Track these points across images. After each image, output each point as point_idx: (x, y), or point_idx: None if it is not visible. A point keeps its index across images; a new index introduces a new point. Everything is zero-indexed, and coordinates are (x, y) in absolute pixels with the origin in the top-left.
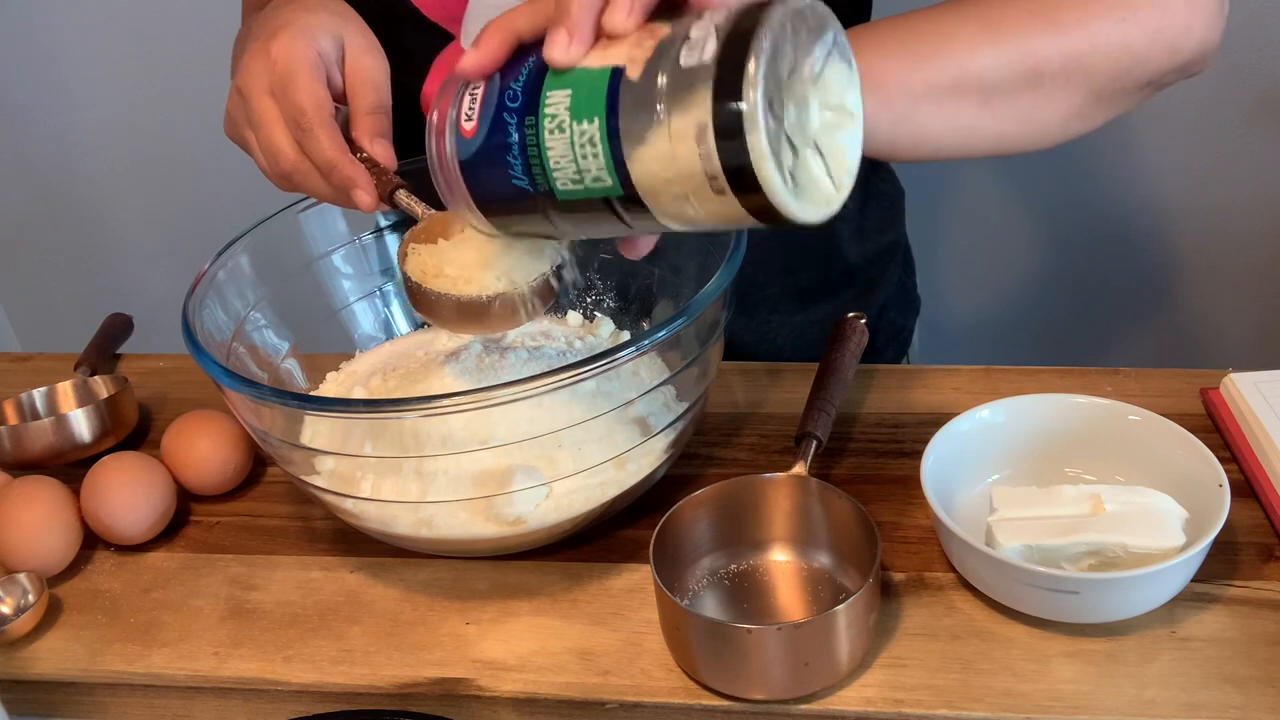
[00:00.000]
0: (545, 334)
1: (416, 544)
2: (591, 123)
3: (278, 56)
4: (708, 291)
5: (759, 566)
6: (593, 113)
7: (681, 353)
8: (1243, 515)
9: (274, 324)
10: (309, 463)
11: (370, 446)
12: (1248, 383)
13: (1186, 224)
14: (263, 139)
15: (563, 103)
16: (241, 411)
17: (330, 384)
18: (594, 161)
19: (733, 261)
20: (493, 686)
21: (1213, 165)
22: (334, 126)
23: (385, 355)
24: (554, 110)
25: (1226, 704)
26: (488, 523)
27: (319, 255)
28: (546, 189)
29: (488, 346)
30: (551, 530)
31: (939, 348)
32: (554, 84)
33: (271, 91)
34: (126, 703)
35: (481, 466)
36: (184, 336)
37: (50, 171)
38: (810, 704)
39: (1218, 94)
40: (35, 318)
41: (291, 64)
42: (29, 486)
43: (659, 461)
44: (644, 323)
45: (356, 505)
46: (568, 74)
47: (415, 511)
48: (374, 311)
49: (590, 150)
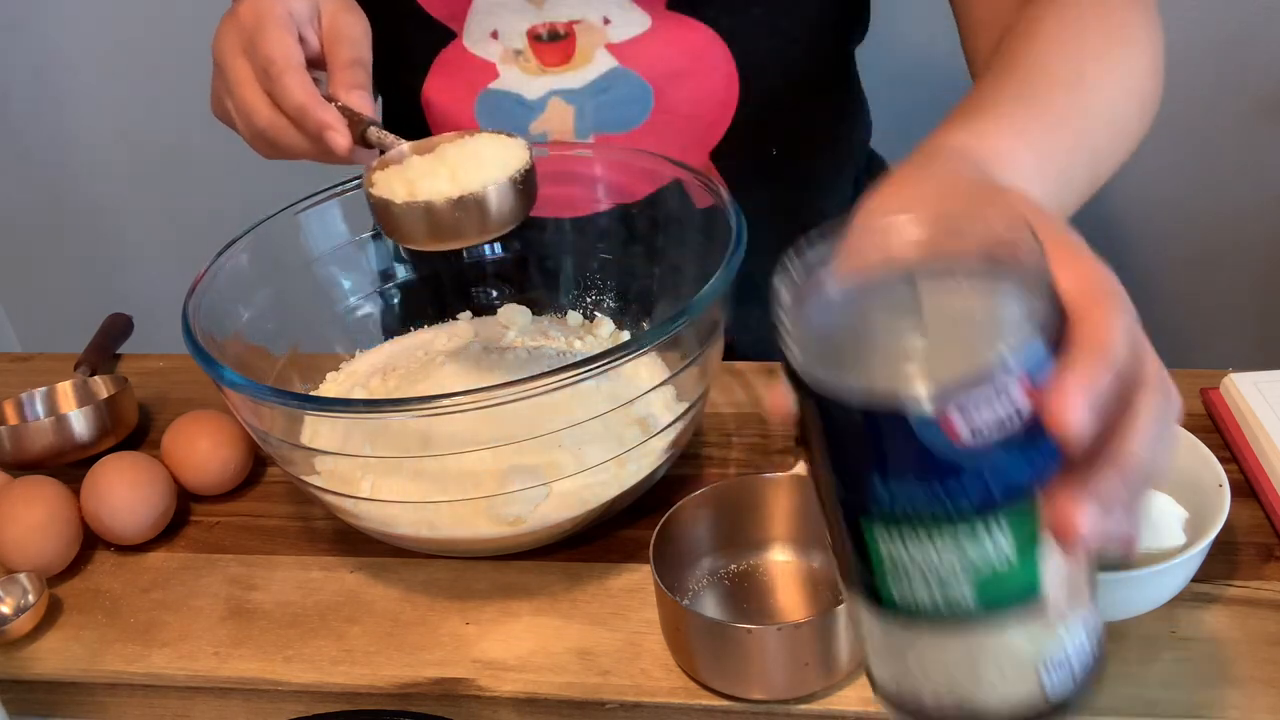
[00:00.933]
0: (544, 333)
1: (417, 544)
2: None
3: (245, 16)
4: (708, 291)
5: (759, 566)
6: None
7: (682, 352)
8: (1243, 515)
9: (274, 324)
10: (309, 463)
11: (370, 447)
12: (1248, 383)
13: (1186, 224)
14: (237, 100)
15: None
16: (242, 412)
17: (330, 384)
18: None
19: (732, 261)
20: (493, 686)
21: (1213, 165)
22: (303, 73)
23: (385, 356)
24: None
25: (1226, 704)
26: (488, 523)
27: (318, 255)
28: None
29: (487, 347)
30: (551, 530)
31: None
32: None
33: (244, 52)
34: (126, 703)
35: (482, 466)
36: (184, 337)
37: (50, 172)
38: (810, 704)
39: (1218, 94)
40: (35, 318)
41: (259, 19)
42: (29, 486)
43: (659, 461)
44: (644, 323)
45: (357, 505)
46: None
47: (416, 511)
48: (374, 312)
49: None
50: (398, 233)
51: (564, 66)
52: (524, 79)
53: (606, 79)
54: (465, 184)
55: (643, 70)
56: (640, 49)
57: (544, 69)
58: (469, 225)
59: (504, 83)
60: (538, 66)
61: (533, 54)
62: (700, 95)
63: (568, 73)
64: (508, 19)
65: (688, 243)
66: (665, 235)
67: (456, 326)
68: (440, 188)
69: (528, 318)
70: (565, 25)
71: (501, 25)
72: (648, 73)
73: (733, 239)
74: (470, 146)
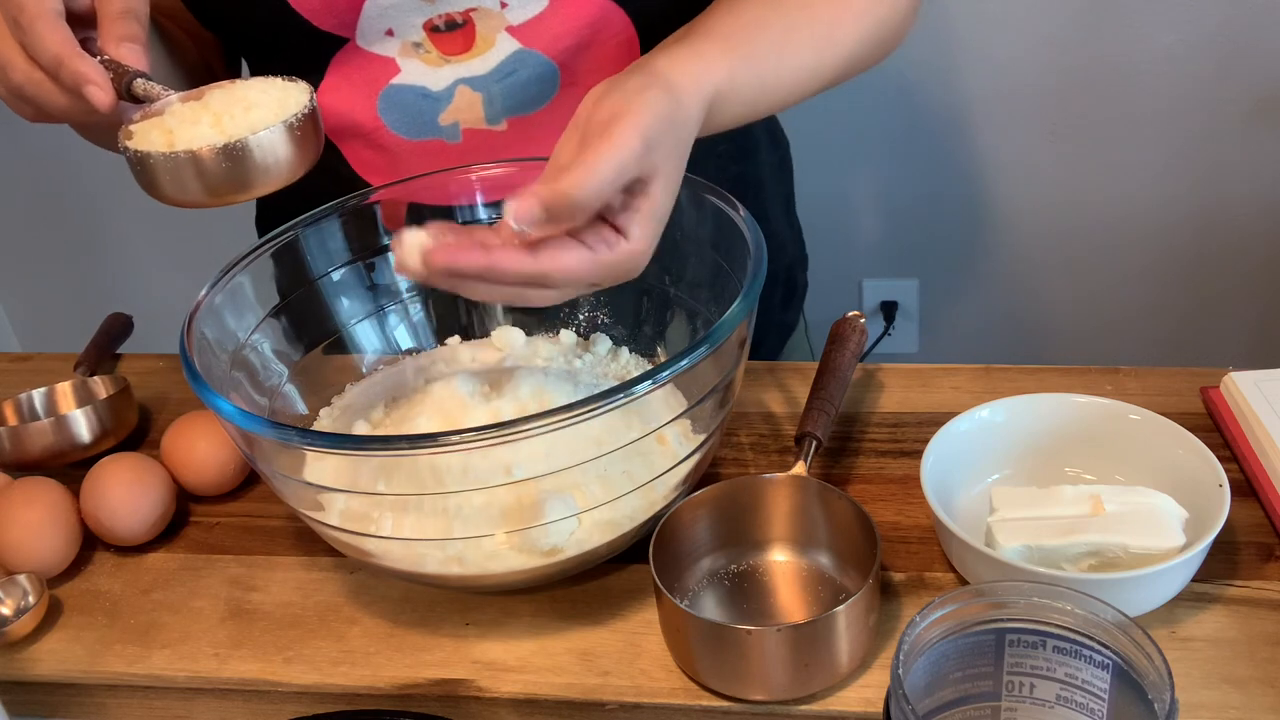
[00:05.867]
0: (539, 354)
1: (447, 582)
2: None
3: None
4: (735, 313)
5: (759, 567)
6: None
7: (719, 368)
8: (1243, 515)
9: (273, 348)
10: (317, 501)
11: (385, 484)
12: (1248, 381)
13: (1186, 224)
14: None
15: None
16: (240, 444)
17: (324, 420)
18: None
19: (755, 283)
20: (493, 687)
21: (1213, 165)
22: (58, 22)
23: (380, 384)
24: None
25: (1226, 704)
26: (522, 555)
27: (318, 276)
28: None
29: (486, 369)
30: (587, 557)
31: (939, 348)
32: None
33: (2, 9)
34: (127, 704)
35: (511, 497)
36: (185, 370)
37: (50, 171)
38: (810, 705)
39: (1218, 94)
40: (35, 318)
41: None
42: (29, 487)
43: (688, 471)
44: (640, 332)
45: (380, 545)
46: None
47: (443, 549)
48: (375, 333)
49: None
50: (159, 189)
51: (466, 54)
52: (427, 71)
53: (511, 62)
54: (232, 131)
55: (545, 48)
56: (540, 28)
57: (446, 59)
58: (240, 177)
59: (406, 77)
60: (439, 57)
61: (432, 45)
62: (604, 64)
63: (471, 60)
64: (400, 18)
65: (684, 250)
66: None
67: (452, 350)
68: (204, 135)
69: (522, 339)
70: (462, 14)
71: (395, 24)
72: (550, 50)
73: (750, 255)
74: (239, 91)
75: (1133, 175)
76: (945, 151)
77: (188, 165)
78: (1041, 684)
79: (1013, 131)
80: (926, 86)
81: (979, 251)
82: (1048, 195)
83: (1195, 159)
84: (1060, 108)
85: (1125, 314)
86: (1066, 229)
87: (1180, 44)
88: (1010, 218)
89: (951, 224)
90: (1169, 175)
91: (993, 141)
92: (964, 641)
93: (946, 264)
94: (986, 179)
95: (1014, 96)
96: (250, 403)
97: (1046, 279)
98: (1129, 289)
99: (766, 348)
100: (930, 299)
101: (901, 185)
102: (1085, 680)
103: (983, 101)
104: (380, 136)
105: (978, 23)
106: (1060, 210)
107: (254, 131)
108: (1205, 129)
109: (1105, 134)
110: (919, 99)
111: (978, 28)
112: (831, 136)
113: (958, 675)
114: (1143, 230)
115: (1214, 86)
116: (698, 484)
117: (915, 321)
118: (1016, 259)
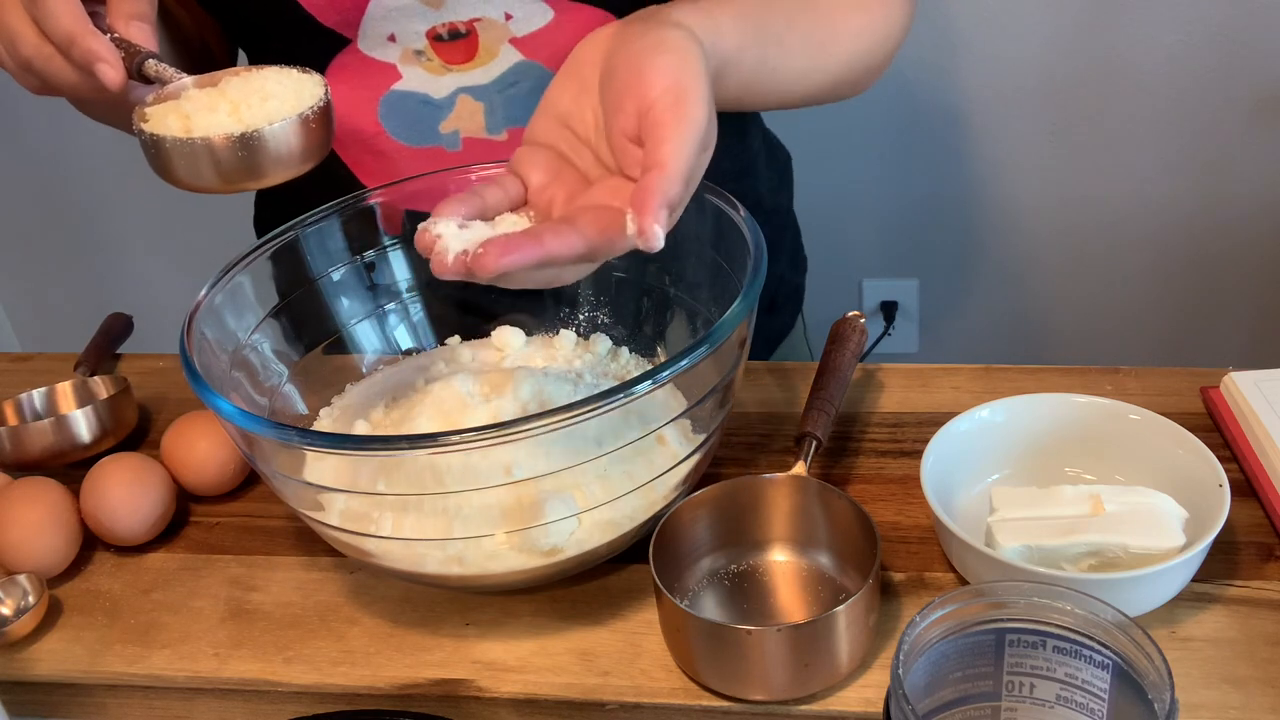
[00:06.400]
0: (539, 354)
1: (447, 582)
2: None
3: None
4: (735, 313)
5: (759, 566)
6: None
7: (719, 368)
8: (1243, 515)
9: (273, 348)
10: (317, 501)
11: (385, 484)
12: (1248, 381)
13: (1186, 223)
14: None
15: None
16: (241, 445)
17: (324, 420)
18: None
19: (755, 282)
20: (493, 687)
21: (1213, 165)
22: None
23: (380, 384)
24: None
25: (1226, 704)
26: (521, 555)
27: (318, 276)
28: None
29: (486, 370)
30: (588, 556)
31: (939, 348)
32: None
33: None
34: (127, 704)
35: (511, 497)
36: (185, 369)
37: (50, 171)
38: (810, 705)
39: (1219, 94)
40: (35, 318)
41: None
42: (29, 487)
43: (688, 471)
44: (640, 332)
45: (379, 545)
46: None
47: (443, 549)
48: (375, 332)
49: None
50: (173, 174)
51: (469, 64)
52: (428, 79)
53: (513, 73)
54: (249, 120)
55: (548, 61)
56: (544, 41)
57: (448, 67)
58: (254, 166)
59: (408, 83)
60: (441, 65)
61: (434, 53)
62: None
63: (473, 69)
64: (404, 23)
65: (684, 250)
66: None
67: (452, 350)
68: (221, 123)
69: (522, 339)
70: (466, 24)
71: (398, 29)
72: (553, 63)
73: (750, 255)
74: (255, 81)
75: (1133, 175)
76: (945, 151)
77: (204, 152)
78: (1041, 684)
79: (1013, 131)
80: (926, 86)
81: (979, 251)
82: (1048, 195)
83: (1196, 159)
84: (1061, 108)
85: (1125, 314)
86: (1067, 229)
87: (1181, 44)
88: (1010, 218)
89: (951, 224)
90: (1169, 175)
91: (993, 141)
92: (964, 641)
93: (946, 264)
94: (986, 179)
95: (1014, 96)
96: (250, 403)
97: (1046, 279)
98: (1129, 289)
99: (754, 351)
100: (930, 299)
101: (901, 185)
102: (1085, 680)
103: (983, 101)
104: (380, 142)
105: (978, 23)
106: (1060, 210)
107: (271, 122)
108: (1206, 129)
109: (1105, 134)
110: (919, 99)
111: (978, 28)
112: (831, 136)
113: (958, 675)
114: (1143, 230)
115: (1215, 86)
116: (698, 484)
117: (915, 321)
118: (1016, 259)
